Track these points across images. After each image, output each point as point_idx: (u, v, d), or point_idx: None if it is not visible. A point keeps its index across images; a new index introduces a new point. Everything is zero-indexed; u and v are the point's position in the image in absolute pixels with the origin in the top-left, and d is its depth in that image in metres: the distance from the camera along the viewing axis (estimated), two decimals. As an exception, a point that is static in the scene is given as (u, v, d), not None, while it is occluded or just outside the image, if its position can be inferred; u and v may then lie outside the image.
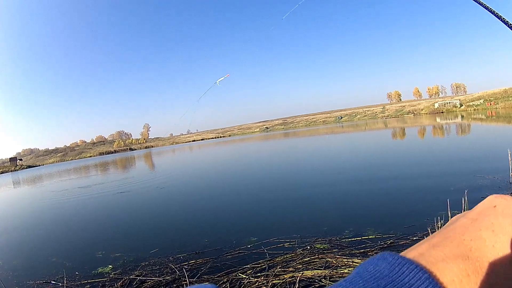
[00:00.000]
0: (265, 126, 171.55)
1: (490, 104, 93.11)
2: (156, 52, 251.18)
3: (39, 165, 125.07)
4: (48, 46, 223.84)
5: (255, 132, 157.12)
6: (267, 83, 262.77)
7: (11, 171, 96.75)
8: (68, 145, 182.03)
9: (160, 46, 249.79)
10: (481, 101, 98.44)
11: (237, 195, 10.23)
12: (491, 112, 64.76)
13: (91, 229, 8.36)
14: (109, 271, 5.06)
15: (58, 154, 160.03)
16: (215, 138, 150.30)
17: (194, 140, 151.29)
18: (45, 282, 5.00)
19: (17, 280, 5.27)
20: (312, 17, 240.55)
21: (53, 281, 4.99)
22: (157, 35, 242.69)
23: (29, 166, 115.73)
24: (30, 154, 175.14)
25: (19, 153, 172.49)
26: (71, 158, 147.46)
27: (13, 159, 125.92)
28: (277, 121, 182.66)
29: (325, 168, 13.55)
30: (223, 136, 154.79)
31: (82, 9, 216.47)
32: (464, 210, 3.25)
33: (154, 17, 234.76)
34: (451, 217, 3.29)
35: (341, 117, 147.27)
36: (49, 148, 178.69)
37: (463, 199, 4.79)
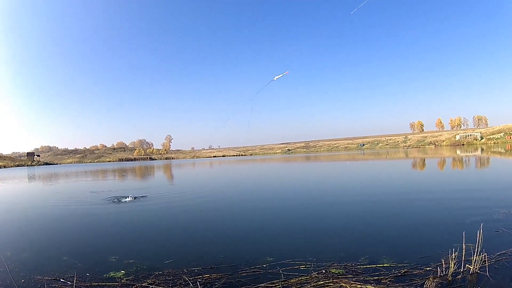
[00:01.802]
0: (287, 148, 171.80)
1: (510, 137, 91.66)
2: (186, 65, 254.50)
3: (57, 164, 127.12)
4: (74, 46, 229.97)
5: (276, 153, 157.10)
6: (291, 105, 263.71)
7: (27, 165, 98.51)
8: (88, 147, 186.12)
9: (190, 58, 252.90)
10: (502, 134, 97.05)
11: (255, 214, 10.20)
12: (510, 146, 63.67)
13: (105, 233, 8.44)
14: (121, 276, 5.04)
15: (77, 155, 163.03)
16: (236, 155, 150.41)
17: (215, 156, 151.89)
18: (54, 279, 5.01)
19: (25, 273, 5.30)
20: (339, 43, 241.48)
21: (62, 279, 4.99)
22: (188, 46, 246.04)
23: (46, 163, 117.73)
24: (48, 152, 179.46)
25: (37, 149, 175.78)
26: (89, 160, 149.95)
27: (30, 154, 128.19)
28: (299, 144, 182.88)
29: (343, 194, 13.54)
30: (245, 155, 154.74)
31: (111, 12, 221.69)
32: (478, 243, 3.42)
33: (186, 26, 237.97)
34: (465, 250, 3.45)
35: (363, 144, 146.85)
36: (68, 148, 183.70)
37: (478, 232, 4.81)
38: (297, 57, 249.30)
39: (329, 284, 4.43)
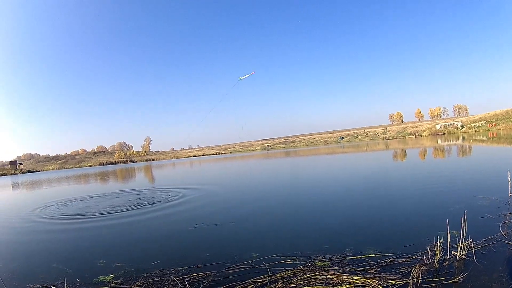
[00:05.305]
0: (266, 144, 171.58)
1: (492, 125, 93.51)
2: (164, 65, 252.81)
3: (39, 171, 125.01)
4: (52, 50, 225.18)
5: (256, 150, 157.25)
6: (270, 101, 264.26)
7: (11, 174, 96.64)
8: (69, 152, 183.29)
9: (168, 60, 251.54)
10: (483, 122, 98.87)
11: (237, 211, 10.22)
12: (492, 134, 65.04)
13: (91, 238, 8.33)
14: (110, 280, 5.05)
15: (59, 161, 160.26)
16: (216, 154, 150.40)
17: (195, 156, 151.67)
18: (45, 287, 5.00)
19: (17, 282, 5.27)
20: (316, 37, 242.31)
21: (53, 286, 4.99)
22: (165, 47, 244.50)
23: (29, 171, 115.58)
24: (30, 159, 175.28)
25: (20, 157, 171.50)
26: (71, 166, 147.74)
27: (13, 163, 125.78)
28: (278, 140, 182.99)
29: (325, 187, 13.65)
30: (224, 153, 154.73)
31: (86, 13, 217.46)
32: (463, 230, 3.38)
33: (164, 27, 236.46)
34: (450, 237, 3.42)
35: (343, 138, 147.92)
36: (50, 155, 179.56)
37: (462, 219, 4.88)
38: (273, 52, 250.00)
39: (316, 276, 4.49)
